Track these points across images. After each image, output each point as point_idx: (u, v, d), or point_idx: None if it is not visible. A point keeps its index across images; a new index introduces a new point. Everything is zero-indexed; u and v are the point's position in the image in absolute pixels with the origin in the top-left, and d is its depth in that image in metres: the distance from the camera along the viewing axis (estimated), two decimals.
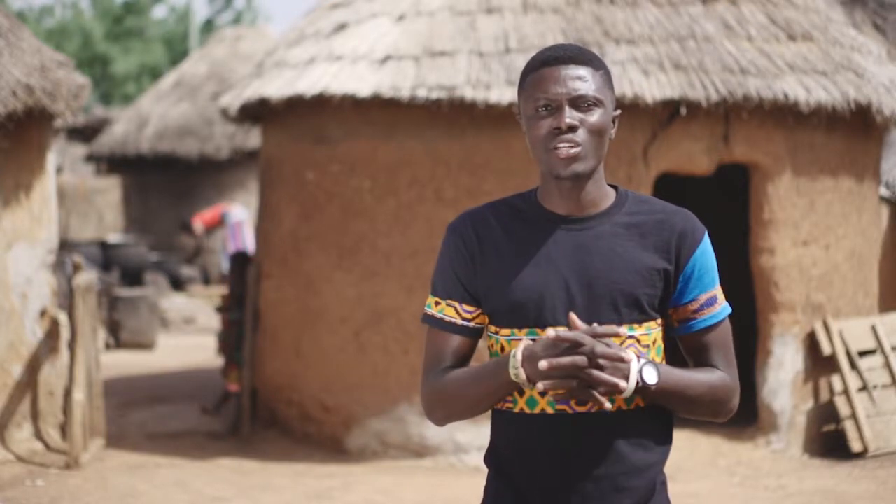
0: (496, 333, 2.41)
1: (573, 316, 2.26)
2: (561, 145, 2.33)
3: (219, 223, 16.63)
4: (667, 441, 2.44)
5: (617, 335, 2.25)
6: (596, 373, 2.23)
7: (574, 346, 2.22)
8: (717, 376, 2.39)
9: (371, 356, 7.78)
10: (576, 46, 2.41)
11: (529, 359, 2.27)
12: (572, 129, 2.33)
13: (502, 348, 2.41)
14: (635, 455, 2.38)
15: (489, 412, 2.49)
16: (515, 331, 2.36)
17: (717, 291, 2.44)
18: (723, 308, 2.44)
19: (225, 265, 14.55)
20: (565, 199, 2.40)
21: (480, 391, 2.37)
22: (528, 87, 2.38)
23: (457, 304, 2.43)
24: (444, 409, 2.44)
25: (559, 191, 2.40)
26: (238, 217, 16.11)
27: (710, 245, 2.44)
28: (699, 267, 2.41)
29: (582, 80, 2.35)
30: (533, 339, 2.32)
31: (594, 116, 2.35)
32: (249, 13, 39.32)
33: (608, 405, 2.25)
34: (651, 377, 2.28)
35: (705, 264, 2.41)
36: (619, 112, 2.44)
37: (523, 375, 2.27)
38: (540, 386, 2.24)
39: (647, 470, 2.39)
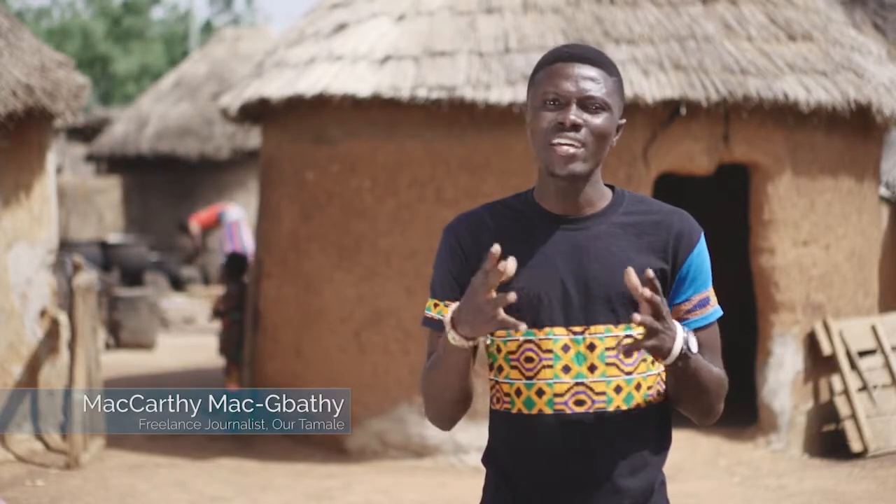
0: (492, 334, 2.41)
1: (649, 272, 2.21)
2: (561, 141, 2.33)
3: (215, 223, 16.62)
4: (665, 441, 2.44)
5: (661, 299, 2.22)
6: (661, 331, 2.21)
7: (495, 273, 2.16)
8: (722, 372, 2.41)
9: (371, 356, 7.78)
10: (593, 48, 2.40)
11: (457, 317, 2.23)
12: (575, 127, 2.32)
13: (498, 349, 2.40)
14: (634, 455, 2.37)
15: (487, 413, 2.49)
16: (512, 332, 2.35)
17: (710, 293, 2.43)
18: (714, 310, 2.43)
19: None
20: (562, 198, 2.39)
21: (441, 371, 2.34)
22: (539, 80, 2.37)
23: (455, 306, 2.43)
24: (430, 404, 2.43)
25: (556, 190, 2.39)
26: (234, 217, 16.11)
27: (706, 246, 2.44)
28: (694, 268, 2.40)
29: (594, 81, 2.34)
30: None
31: (599, 119, 2.34)
32: (249, 14, 39.33)
33: (522, 327, 2.18)
34: (694, 345, 2.30)
35: (700, 265, 2.41)
36: (624, 121, 2.43)
37: (457, 336, 2.24)
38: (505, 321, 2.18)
39: (645, 470, 2.39)
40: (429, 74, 7.46)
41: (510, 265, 2.16)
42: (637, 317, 2.17)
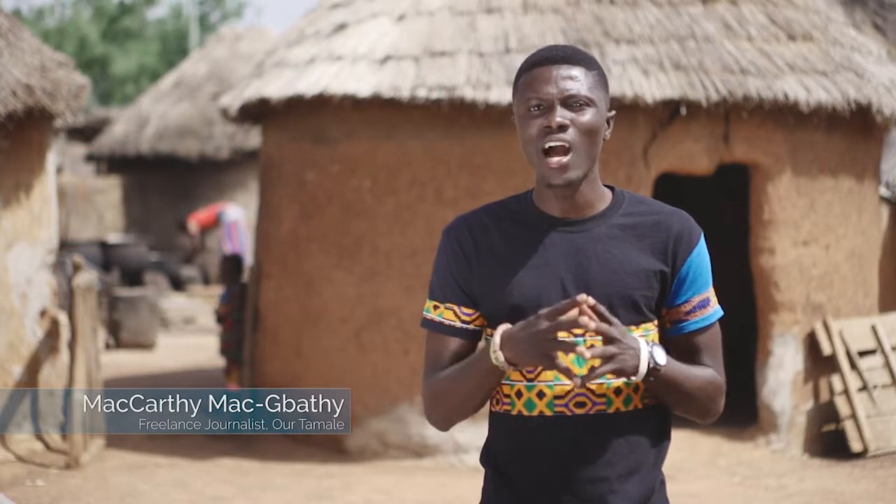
0: (493, 336, 2.40)
1: (584, 296, 2.22)
2: (552, 145, 2.33)
3: (215, 223, 16.63)
4: (664, 442, 2.44)
5: (609, 321, 2.23)
6: (618, 353, 2.22)
7: (567, 323, 2.20)
8: (710, 373, 2.40)
9: (371, 356, 7.78)
10: (569, 47, 2.40)
11: (508, 341, 2.26)
12: (563, 128, 2.32)
13: None
14: (633, 457, 2.38)
15: (486, 413, 2.49)
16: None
17: (711, 294, 2.44)
18: (715, 311, 2.43)
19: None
20: (560, 201, 2.39)
21: (469, 383, 2.36)
22: (521, 88, 2.38)
23: (455, 308, 2.42)
24: (441, 409, 2.43)
25: (554, 193, 2.39)
26: (233, 217, 16.12)
27: (706, 247, 2.44)
28: (694, 269, 2.40)
29: (574, 79, 2.34)
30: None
31: (586, 116, 2.34)
32: (236, 9, 39.27)
33: (577, 381, 2.22)
34: (661, 357, 2.29)
35: (700, 266, 2.41)
36: (613, 113, 2.43)
37: (502, 358, 2.27)
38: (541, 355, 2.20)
39: (645, 471, 2.39)
40: (429, 74, 7.46)
41: (591, 324, 2.19)
42: (587, 353, 2.19)
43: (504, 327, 2.29)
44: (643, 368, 2.26)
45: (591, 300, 2.21)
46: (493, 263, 2.40)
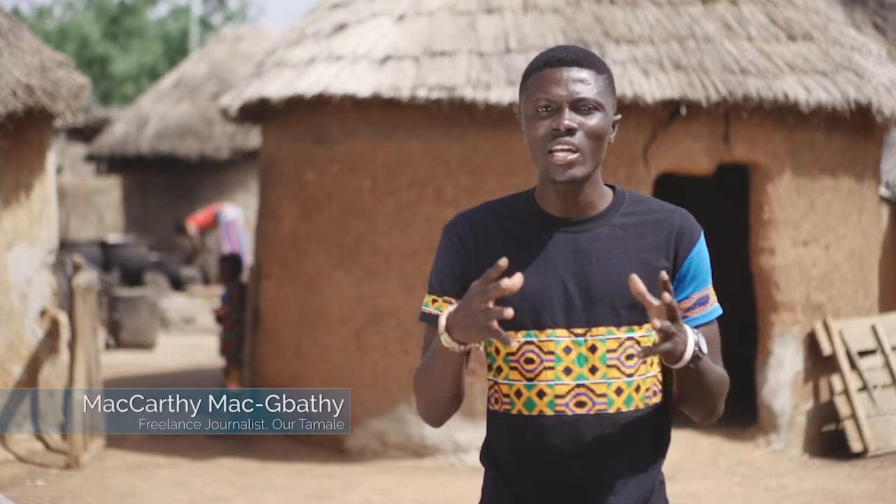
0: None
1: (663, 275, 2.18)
2: (558, 148, 2.32)
3: (212, 224, 16.63)
4: (664, 442, 2.44)
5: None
6: (676, 334, 2.18)
7: (496, 289, 2.15)
8: (723, 370, 2.40)
9: (371, 356, 7.78)
10: (580, 49, 2.39)
11: (452, 322, 2.22)
12: (571, 131, 2.32)
13: (497, 350, 2.40)
14: (633, 456, 2.37)
15: (485, 413, 2.49)
16: (512, 333, 2.33)
17: (710, 292, 2.44)
18: (714, 308, 2.43)
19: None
20: (562, 201, 2.39)
21: (434, 369, 2.34)
22: (530, 87, 2.37)
23: (453, 301, 2.41)
24: (422, 399, 2.42)
25: (556, 193, 2.39)
26: (231, 216, 16.12)
27: (706, 245, 2.43)
28: (694, 266, 2.40)
29: (584, 82, 2.34)
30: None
31: (594, 120, 2.34)
32: (241, 9, 39.30)
33: (513, 343, 2.19)
34: (705, 346, 2.27)
35: (700, 264, 2.41)
36: (619, 117, 2.43)
37: (450, 339, 2.24)
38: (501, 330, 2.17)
39: (644, 471, 2.39)
40: (429, 74, 7.46)
41: (516, 281, 2.15)
42: (657, 323, 2.15)
43: (448, 309, 2.26)
44: (688, 356, 2.22)
45: (665, 275, 2.17)
46: (492, 261, 2.39)
